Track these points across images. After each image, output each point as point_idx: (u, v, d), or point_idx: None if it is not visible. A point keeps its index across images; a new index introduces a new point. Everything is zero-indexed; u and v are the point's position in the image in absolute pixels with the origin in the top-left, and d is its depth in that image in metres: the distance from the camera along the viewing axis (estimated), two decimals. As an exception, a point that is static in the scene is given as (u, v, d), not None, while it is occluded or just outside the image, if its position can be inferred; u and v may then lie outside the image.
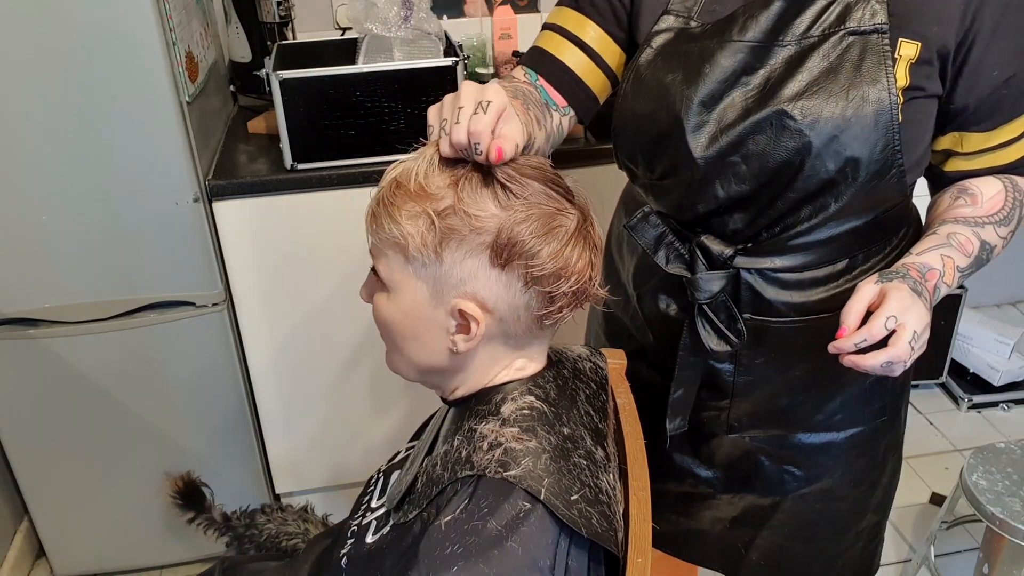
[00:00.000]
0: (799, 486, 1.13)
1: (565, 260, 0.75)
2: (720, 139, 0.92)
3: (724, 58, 0.92)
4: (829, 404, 1.08)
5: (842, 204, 0.92)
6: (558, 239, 0.75)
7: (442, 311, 0.77)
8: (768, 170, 0.91)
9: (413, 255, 0.75)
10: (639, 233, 1.02)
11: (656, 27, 0.98)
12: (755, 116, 0.90)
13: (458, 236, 0.73)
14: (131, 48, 1.37)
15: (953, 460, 2.22)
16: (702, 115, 0.92)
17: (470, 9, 2.12)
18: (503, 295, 0.76)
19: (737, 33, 0.92)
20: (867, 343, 0.82)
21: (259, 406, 1.79)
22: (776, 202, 0.94)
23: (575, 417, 0.82)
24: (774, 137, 0.89)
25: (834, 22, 0.89)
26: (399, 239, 0.75)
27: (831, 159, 0.88)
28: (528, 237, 0.73)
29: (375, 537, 0.86)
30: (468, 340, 0.77)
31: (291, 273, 1.66)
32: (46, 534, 1.84)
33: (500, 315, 0.77)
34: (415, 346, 0.81)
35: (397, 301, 0.79)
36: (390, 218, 0.75)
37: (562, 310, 0.78)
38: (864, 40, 0.88)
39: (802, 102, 0.88)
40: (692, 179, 0.95)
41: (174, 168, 1.48)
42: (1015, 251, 2.85)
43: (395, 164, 0.79)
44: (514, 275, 0.75)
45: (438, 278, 0.76)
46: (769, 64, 0.91)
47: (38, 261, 1.53)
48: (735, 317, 1.00)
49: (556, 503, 0.72)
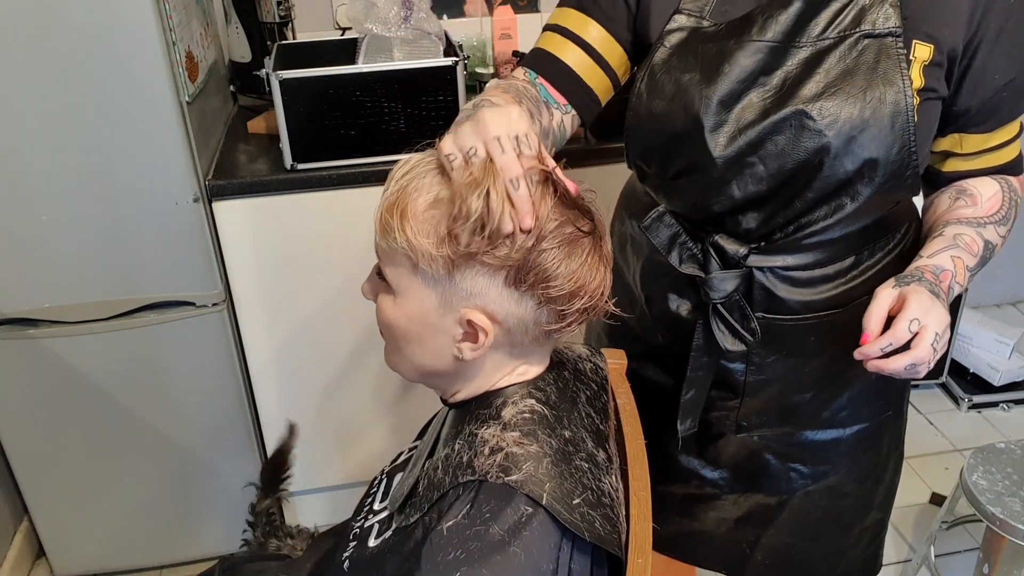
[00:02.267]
0: (805, 484, 1.13)
1: (582, 280, 0.75)
2: (739, 139, 0.92)
3: (744, 58, 0.92)
4: (837, 401, 1.08)
5: (859, 204, 0.92)
6: (575, 260, 0.74)
7: (450, 319, 0.76)
8: (786, 170, 0.91)
9: (423, 268, 0.74)
10: (653, 233, 1.02)
11: (668, 26, 0.97)
12: (774, 116, 0.90)
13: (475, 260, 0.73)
14: (131, 48, 1.37)
15: (953, 460, 2.22)
16: (720, 115, 0.92)
17: (470, 9, 2.12)
18: (513, 310, 0.75)
19: (757, 33, 0.92)
20: (892, 347, 0.82)
21: (259, 406, 1.79)
22: (794, 202, 0.94)
23: (576, 419, 0.82)
24: (793, 137, 0.89)
25: (849, 24, 0.90)
26: (408, 252, 0.74)
27: (849, 160, 0.88)
28: (548, 262, 0.73)
29: (378, 541, 0.86)
30: (475, 349, 0.77)
31: (291, 273, 1.66)
32: (46, 534, 1.84)
33: (508, 327, 0.76)
34: (418, 350, 0.80)
35: (403, 306, 0.78)
36: (401, 230, 0.73)
37: (571, 325, 0.78)
38: (879, 43, 0.88)
39: (820, 103, 0.88)
40: (709, 179, 0.95)
41: (174, 168, 1.48)
42: (1015, 251, 2.85)
43: (403, 164, 0.77)
44: (527, 293, 0.74)
45: (448, 290, 0.75)
46: (785, 65, 0.91)
47: (38, 261, 1.52)
48: (748, 316, 1.00)
49: (558, 508, 0.72)
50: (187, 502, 1.85)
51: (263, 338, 1.71)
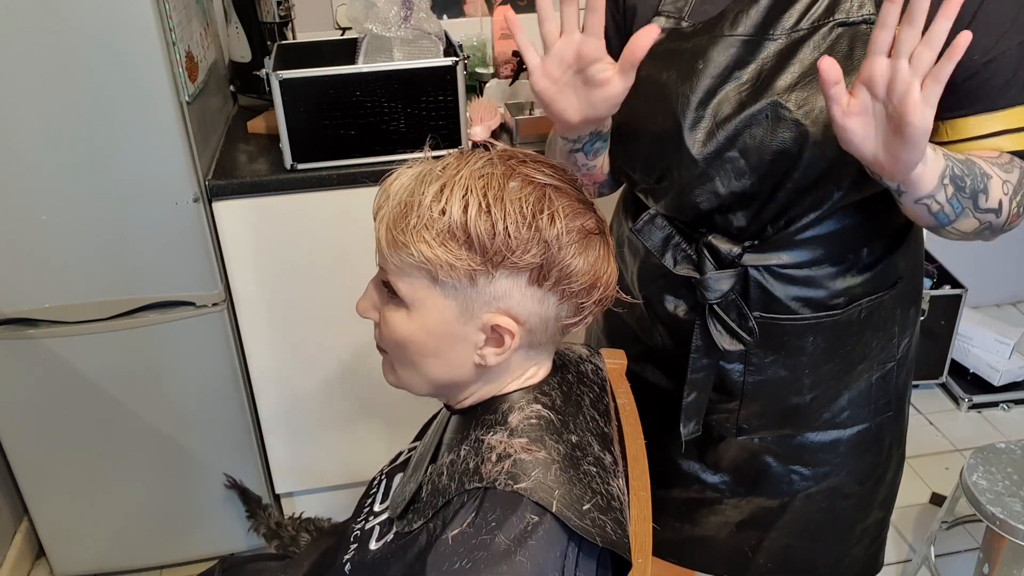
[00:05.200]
0: (807, 486, 1.13)
1: (598, 272, 0.75)
2: (717, 134, 0.92)
3: (717, 53, 0.92)
4: (837, 401, 1.08)
5: (844, 192, 0.92)
6: (592, 253, 0.75)
7: (471, 327, 0.75)
8: (766, 162, 0.91)
9: (443, 279, 0.73)
10: (646, 236, 1.02)
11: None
12: (750, 109, 0.90)
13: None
14: (131, 48, 1.37)
15: (953, 460, 2.22)
16: (698, 111, 0.93)
17: (470, 9, 2.12)
18: (536, 309, 0.75)
19: (728, 28, 0.92)
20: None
21: (259, 406, 1.79)
22: (777, 194, 0.94)
23: (582, 423, 0.81)
24: (770, 128, 0.90)
25: (822, 14, 0.90)
26: (426, 265, 0.72)
27: (829, 147, 0.88)
28: (570, 258, 0.73)
29: (379, 544, 0.85)
30: (500, 353, 0.76)
31: (291, 273, 1.66)
32: (46, 534, 1.84)
33: (531, 327, 0.76)
34: (436, 363, 0.79)
35: (420, 319, 0.76)
36: (416, 244, 0.71)
37: (587, 317, 0.78)
38: (853, 31, 0.88)
39: (796, 93, 0.88)
40: (692, 176, 0.96)
41: (174, 168, 1.48)
42: (1015, 251, 2.85)
43: (396, 177, 0.75)
44: (551, 291, 0.74)
45: (470, 297, 0.74)
46: (760, 58, 0.91)
47: (38, 261, 1.52)
48: (746, 316, 1.00)
49: (568, 514, 0.71)
50: (187, 502, 1.85)
51: (263, 338, 1.71)
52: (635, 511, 0.82)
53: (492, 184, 0.71)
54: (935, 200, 0.84)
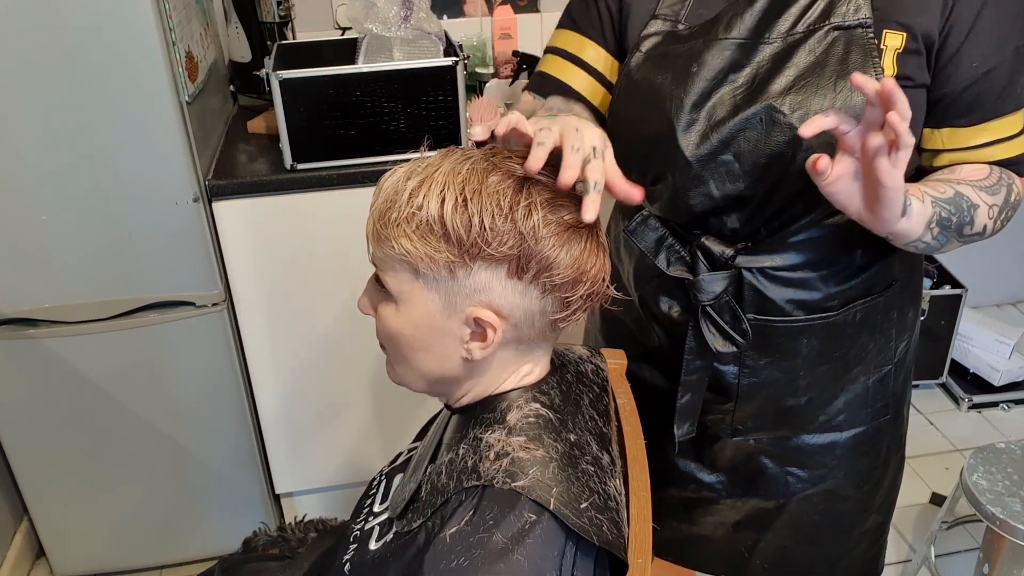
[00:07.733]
0: (803, 488, 1.12)
1: (582, 266, 0.75)
2: (711, 137, 0.92)
3: (711, 56, 0.92)
4: (833, 404, 1.08)
5: None
6: (575, 247, 0.74)
7: (456, 320, 0.76)
8: (760, 165, 0.91)
9: (424, 272, 0.74)
10: (639, 237, 1.02)
11: (645, 31, 0.99)
12: (744, 112, 0.90)
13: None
14: (131, 48, 1.37)
15: (953, 460, 2.22)
16: (692, 114, 0.93)
17: (470, 9, 2.12)
18: (519, 303, 0.75)
19: (723, 31, 0.93)
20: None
21: (259, 406, 1.79)
22: (771, 197, 0.94)
23: (580, 423, 0.81)
24: (764, 132, 0.90)
25: (818, 18, 0.90)
26: (407, 257, 0.74)
27: (823, 151, 0.87)
28: (548, 250, 0.73)
29: (378, 544, 0.85)
30: (484, 347, 0.76)
31: (291, 273, 1.66)
32: (46, 534, 1.84)
33: (515, 321, 0.76)
34: (425, 357, 0.80)
35: (407, 313, 0.77)
36: (396, 238, 0.74)
37: (576, 312, 0.78)
38: (849, 35, 0.88)
39: (790, 96, 0.89)
40: (686, 179, 0.96)
41: (174, 168, 1.48)
42: (1015, 251, 2.85)
43: (390, 173, 0.78)
44: (531, 284, 0.74)
45: (452, 290, 0.75)
46: (755, 61, 0.91)
47: (38, 261, 1.52)
48: (739, 317, 1.00)
49: (566, 512, 0.71)
50: (187, 502, 1.85)
51: (263, 338, 1.71)
52: (635, 511, 0.82)
53: (471, 179, 0.72)
54: (922, 241, 0.88)
